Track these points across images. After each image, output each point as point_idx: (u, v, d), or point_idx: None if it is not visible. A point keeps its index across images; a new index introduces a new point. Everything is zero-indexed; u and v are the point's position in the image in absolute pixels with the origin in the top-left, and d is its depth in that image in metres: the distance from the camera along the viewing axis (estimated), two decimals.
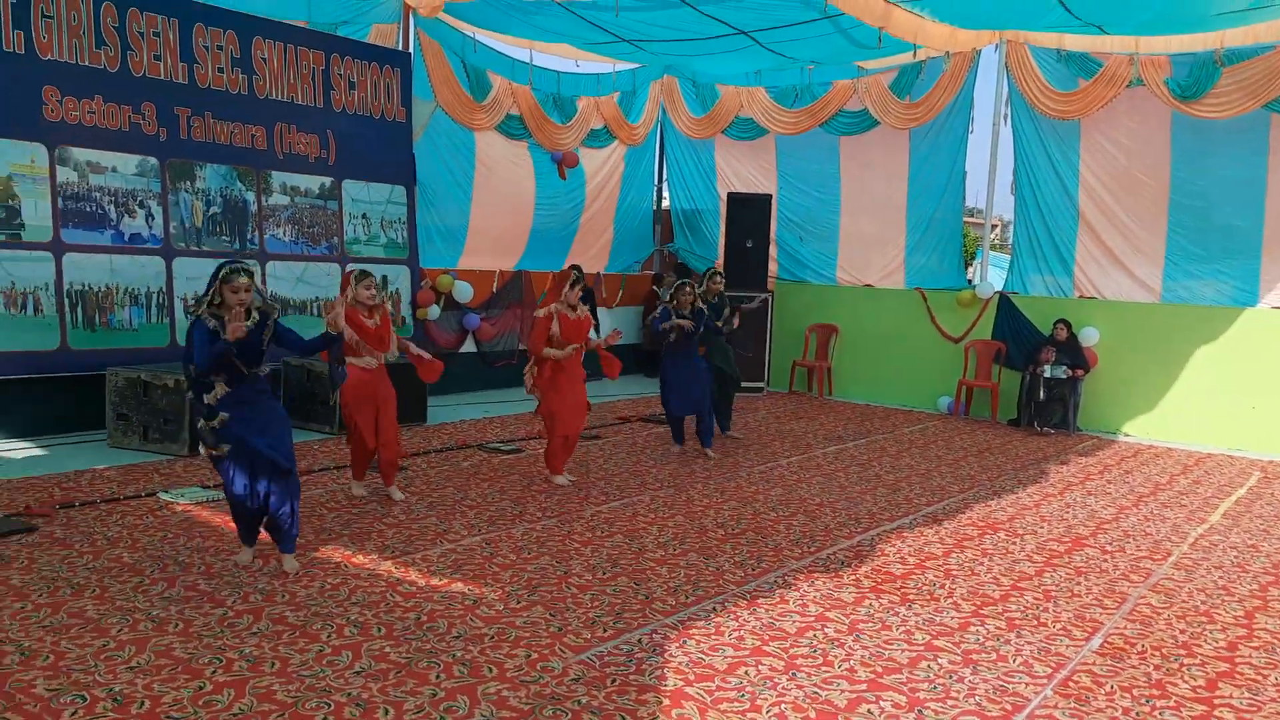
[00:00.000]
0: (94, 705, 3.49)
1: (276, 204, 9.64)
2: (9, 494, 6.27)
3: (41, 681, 3.65)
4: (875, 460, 8.73)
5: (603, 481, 7.40)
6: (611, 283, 13.63)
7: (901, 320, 12.25)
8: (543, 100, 12.40)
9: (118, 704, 3.50)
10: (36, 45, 7.82)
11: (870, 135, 12.62)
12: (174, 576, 4.88)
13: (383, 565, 5.19)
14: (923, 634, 4.57)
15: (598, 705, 3.68)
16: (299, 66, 9.68)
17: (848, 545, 6.00)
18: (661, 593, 4.97)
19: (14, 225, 7.76)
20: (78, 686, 3.63)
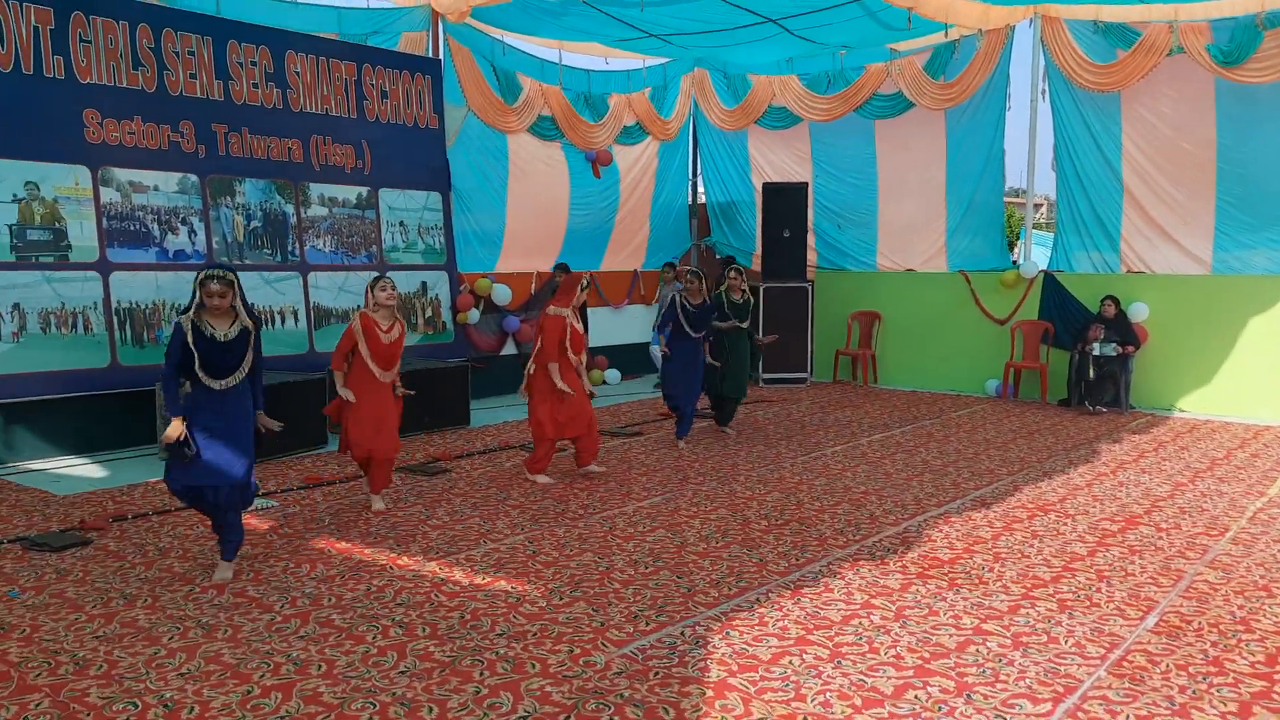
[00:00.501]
0: (145, 712, 3.55)
1: (315, 215, 9.76)
2: (64, 509, 6.42)
3: (95, 690, 3.73)
4: (922, 446, 8.61)
5: (644, 477, 7.39)
6: (650, 279, 13.60)
7: (945, 304, 12.08)
8: (574, 100, 12.42)
9: (168, 710, 3.56)
10: (76, 69, 7.99)
11: (906, 118, 12.47)
12: (223, 584, 4.95)
13: (427, 566, 5.23)
14: (971, 618, 4.50)
15: (640, 698, 3.66)
16: (332, 78, 9.80)
17: (894, 532, 5.92)
18: (704, 585, 4.95)
19: (61, 247, 7.94)
20: (130, 694, 3.69)
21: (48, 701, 3.63)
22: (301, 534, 5.85)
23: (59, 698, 3.66)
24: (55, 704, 3.61)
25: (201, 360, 4.84)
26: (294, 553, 5.47)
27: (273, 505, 6.52)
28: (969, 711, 3.57)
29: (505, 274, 11.62)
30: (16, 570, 5.16)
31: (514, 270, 11.80)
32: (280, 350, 9.18)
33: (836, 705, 3.62)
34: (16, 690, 3.72)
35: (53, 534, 5.81)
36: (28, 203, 7.78)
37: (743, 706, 3.60)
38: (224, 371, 4.91)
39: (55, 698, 3.66)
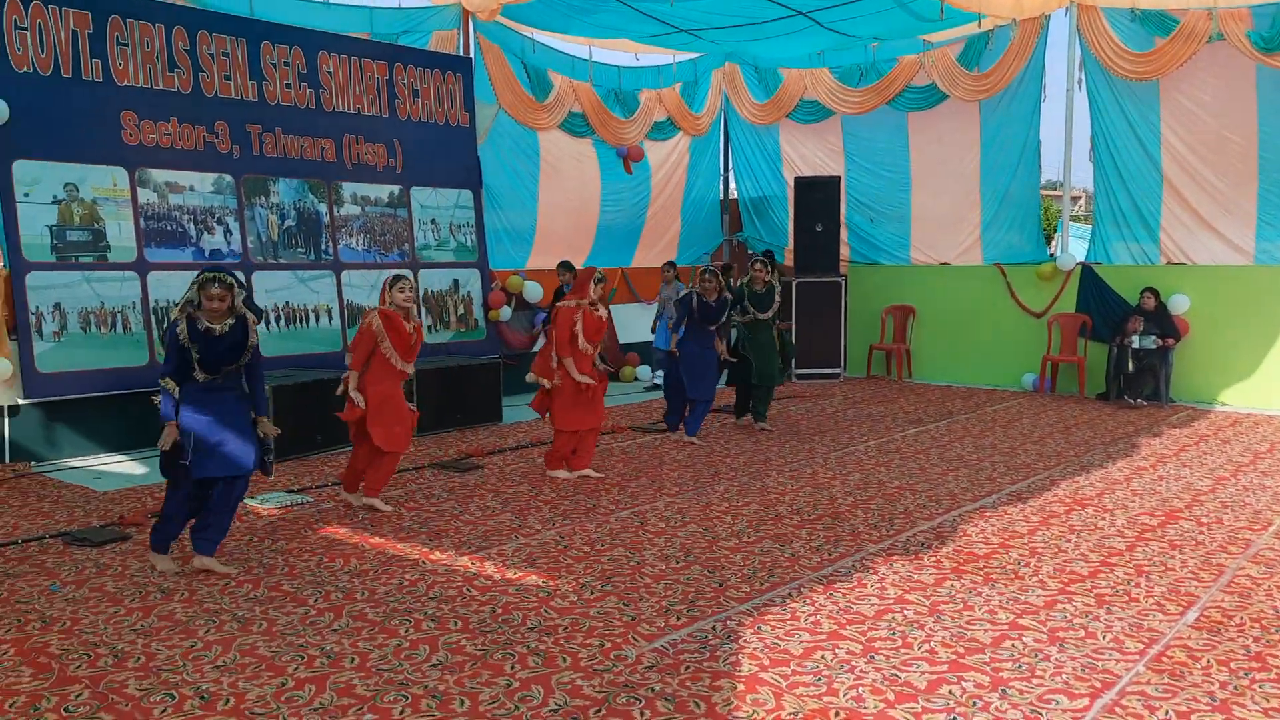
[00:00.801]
0: (182, 703, 3.59)
1: (348, 214, 9.84)
2: (104, 505, 6.52)
3: (133, 682, 3.78)
4: (957, 441, 8.53)
5: (675, 473, 7.37)
6: (682, 275, 13.55)
7: (981, 298, 11.95)
8: (604, 96, 12.42)
9: (204, 701, 3.61)
10: (113, 72, 8.11)
11: (939, 110, 12.35)
12: (258, 578, 5.00)
13: (459, 560, 5.25)
14: (1006, 613, 4.44)
15: (671, 692, 3.65)
16: (364, 78, 9.87)
17: (928, 527, 5.87)
18: (736, 580, 4.93)
19: (100, 247, 8.07)
20: (167, 686, 3.74)
21: (88, 693, 3.68)
22: (335, 529, 5.90)
23: (99, 689, 3.72)
24: (95, 695, 3.66)
25: (199, 355, 4.85)
26: (328, 548, 5.52)
27: (307, 501, 6.58)
28: (1004, 707, 3.53)
29: (536, 271, 11.64)
30: (58, 564, 5.25)
31: (545, 267, 11.81)
32: (314, 348, 9.27)
33: (869, 700, 3.59)
34: (58, 681, 3.78)
35: (93, 529, 5.90)
36: (67, 204, 7.91)
37: (774, 700, 3.58)
38: (219, 365, 4.92)
39: (95, 689, 3.72)
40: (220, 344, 4.89)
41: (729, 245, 14.79)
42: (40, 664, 3.95)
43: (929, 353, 12.43)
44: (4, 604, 4.65)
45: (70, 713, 3.52)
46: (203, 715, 3.49)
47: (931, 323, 12.39)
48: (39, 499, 6.70)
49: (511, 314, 11.20)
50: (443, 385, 9.12)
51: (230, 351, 4.93)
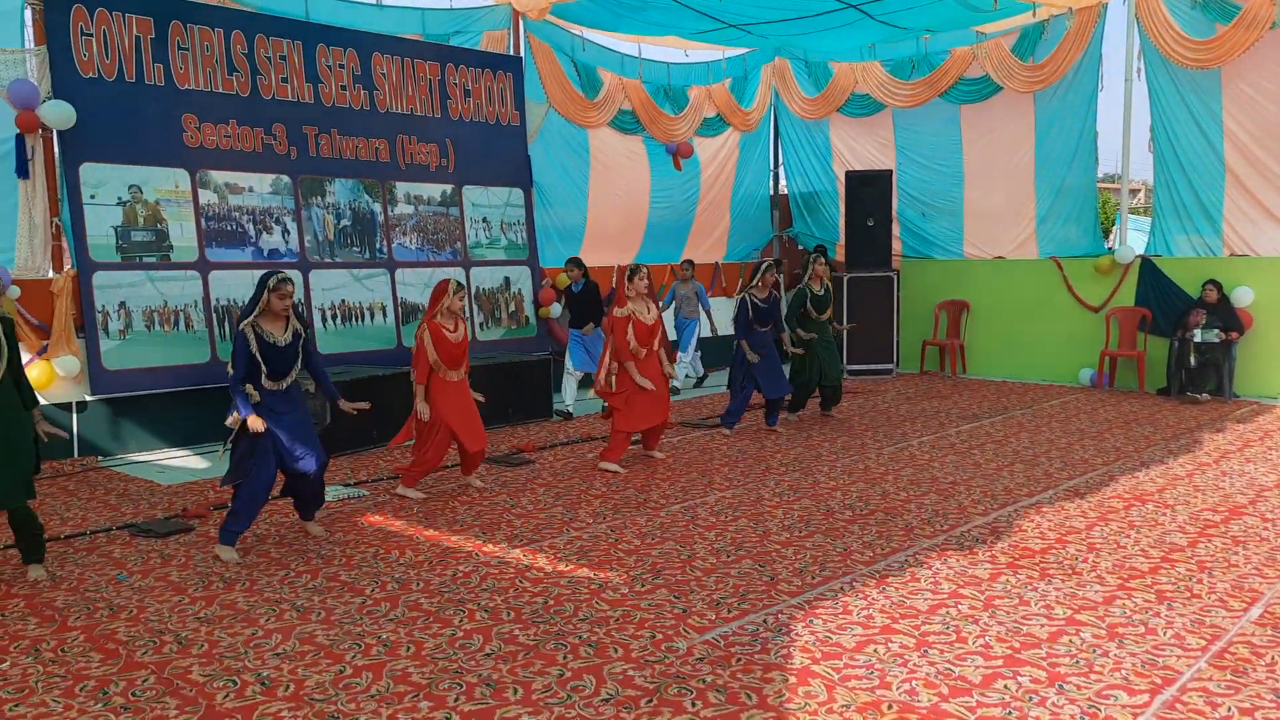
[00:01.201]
0: (244, 689, 3.68)
1: (402, 213, 9.97)
2: (168, 498, 6.69)
3: (197, 668, 3.88)
4: (1012, 436, 8.41)
5: (726, 468, 7.37)
6: (731, 271, 13.56)
7: (1037, 292, 11.76)
8: (654, 92, 12.43)
9: (265, 687, 3.69)
10: (175, 76, 8.31)
11: (992, 102, 12.18)
12: (316, 568, 5.10)
13: (512, 553, 5.31)
14: (1063, 609, 4.38)
15: (723, 684, 3.66)
16: (416, 79, 9.99)
17: (983, 522, 5.80)
18: (787, 574, 4.91)
19: (163, 247, 8.27)
20: (229, 672, 3.84)
21: (154, 678, 3.79)
22: (391, 521, 6.00)
23: (164, 674, 3.82)
24: (160, 680, 3.77)
25: (267, 365, 5.29)
26: (384, 540, 5.61)
27: (363, 494, 6.69)
28: (1061, 702, 3.48)
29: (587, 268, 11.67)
30: (125, 555, 5.40)
31: (595, 264, 11.83)
32: (369, 345, 9.42)
33: (922, 694, 3.56)
34: (125, 667, 3.90)
35: (158, 521, 6.06)
36: (131, 205, 8.12)
37: (826, 693, 3.57)
38: (283, 373, 5.39)
39: (160, 674, 3.82)
40: (285, 353, 5.38)
41: (779, 241, 14.72)
42: (108, 650, 4.07)
43: (984, 348, 12.27)
44: (74, 592, 4.80)
45: (137, 697, 3.62)
46: (264, 701, 3.57)
47: (986, 317, 12.22)
48: (106, 492, 6.90)
49: (561, 311, 11.25)
50: (494, 381, 9.19)
51: (294, 358, 5.42)
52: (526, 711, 3.46)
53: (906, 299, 12.65)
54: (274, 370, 5.32)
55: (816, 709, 3.45)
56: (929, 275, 12.71)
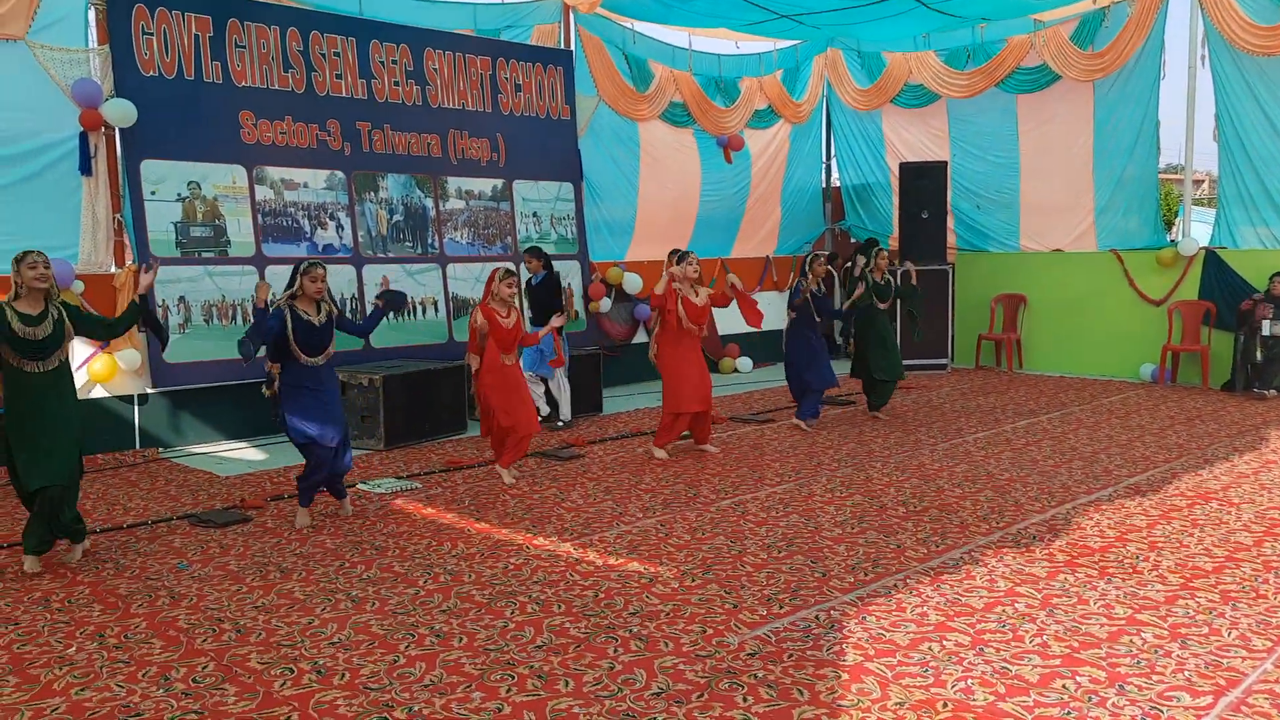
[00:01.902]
0: (300, 677, 3.74)
1: (453, 208, 10.04)
2: (227, 489, 6.82)
3: (255, 655, 3.95)
4: (1070, 433, 8.25)
5: (777, 463, 7.32)
6: (782, 266, 13.46)
7: (1096, 285, 11.52)
8: (705, 84, 12.37)
9: (321, 675, 3.74)
10: (232, 73, 8.46)
11: (1050, 91, 11.93)
12: (371, 559, 5.17)
13: (562, 546, 5.33)
14: (1124, 608, 4.28)
15: (774, 679, 3.64)
16: (468, 74, 10.05)
17: (1040, 519, 5.69)
18: (839, 570, 4.87)
19: (221, 242, 8.42)
20: (286, 660, 3.90)
21: (213, 665, 3.86)
22: (443, 514, 6.05)
23: (223, 661, 3.89)
24: (220, 667, 3.84)
25: (300, 341, 5.65)
26: (436, 532, 5.66)
27: (416, 487, 6.76)
28: (1121, 703, 3.40)
29: (636, 262, 11.69)
30: (185, 545, 5.52)
31: (645, 258, 11.85)
32: (421, 339, 9.51)
33: (978, 692, 3.50)
34: (186, 654, 3.98)
35: (217, 511, 6.18)
36: (190, 201, 8.28)
37: (880, 690, 3.53)
38: (318, 350, 5.75)
39: (220, 661, 3.89)
40: (320, 332, 5.75)
41: (831, 234, 14.58)
42: (170, 637, 4.16)
43: (1041, 342, 12.05)
44: (136, 580, 4.91)
45: (197, 683, 3.69)
46: (320, 689, 3.62)
47: (1043, 311, 12.00)
48: (166, 483, 7.05)
49: (611, 305, 11.27)
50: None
51: (327, 337, 5.80)
52: (578, 704, 3.47)
53: (961, 293, 12.46)
54: (308, 347, 5.70)
55: (870, 706, 3.41)
56: (984, 268, 12.50)
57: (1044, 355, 12.01)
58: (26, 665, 3.89)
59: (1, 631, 4.25)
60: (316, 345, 5.74)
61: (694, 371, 7.50)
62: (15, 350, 4.90)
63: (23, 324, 4.90)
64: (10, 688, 3.69)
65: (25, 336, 4.90)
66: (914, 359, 12.00)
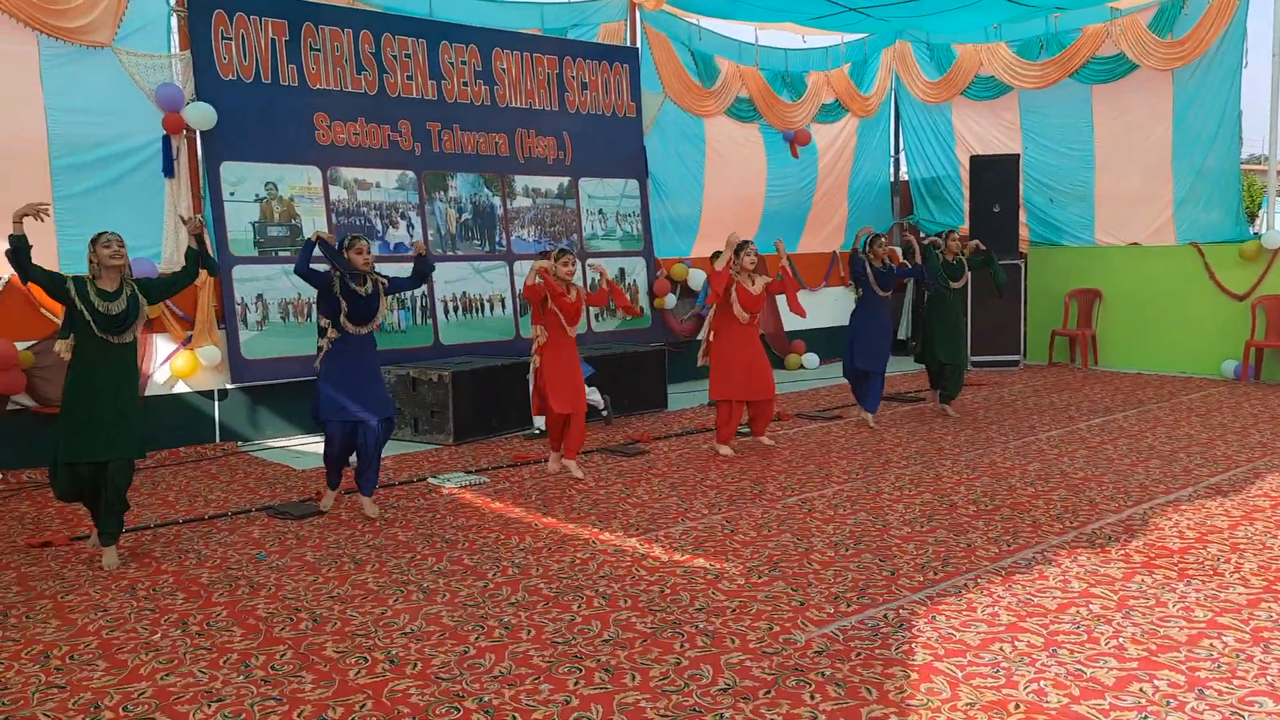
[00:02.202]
0: (374, 666, 3.83)
1: (520, 206, 10.15)
2: (303, 482, 6.99)
3: (331, 645, 4.05)
4: (1148, 431, 8.04)
5: (844, 460, 7.27)
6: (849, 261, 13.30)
7: (1175, 279, 11.20)
8: (771, 79, 12.31)
9: (394, 665, 3.83)
10: (307, 76, 8.66)
11: (1127, 81, 11.63)
12: (441, 552, 5.26)
13: (628, 541, 5.36)
14: (1204, 610, 4.17)
15: (842, 678, 3.62)
16: (535, 73, 10.15)
17: (1116, 519, 5.57)
18: (908, 569, 4.82)
19: (297, 242, 8.62)
20: (361, 649, 3.99)
21: (290, 653, 3.97)
22: (510, 508, 6.13)
23: (300, 649, 4.00)
24: (297, 655, 3.95)
25: (348, 310, 5.86)
26: (504, 526, 5.74)
27: (484, 481, 6.86)
28: (1201, 708, 3.32)
29: (701, 259, 11.65)
30: (263, 535, 5.68)
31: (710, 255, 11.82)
32: (488, 336, 9.63)
33: (1051, 694, 3.45)
34: (265, 641, 4.10)
35: (293, 504, 6.34)
36: (268, 201, 8.50)
37: (949, 690, 3.50)
38: (365, 319, 5.95)
39: (297, 649, 4.01)
40: (367, 301, 5.97)
41: (899, 228, 14.39)
42: (249, 625, 4.29)
43: (1117, 338, 11.76)
44: (218, 570, 5.07)
45: (276, 671, 3.80)
46: (393, 678, 3.71)
47: (1119, 307, 11.71)
48: (245, 475, 7.26)
49: (676, 302, 11.28)
50: (609, 372, 9.28)
51: (374, 307, 5.99)
52: (644, 698, 3.49)
53: (1033, 288, 12.22)
54: (356, 315, 5.90)
55: (939, 706, 3.38)
56: (1057, 263, 12.24)
57: (1120, 351, 11.72)
58: (115, 650, 4.04)
59: (91, 618, 4.42)
60: (364, 313, 5.94)
61: (743, 360, 7.43)
62: (95, 323, 5.10)
63: (100, 299, 5.11)
64: (100, 672, 3.84)
65: (103, 310, 5.11)
66: (984, 355, 11.81)
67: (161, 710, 3.50)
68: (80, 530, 5.81)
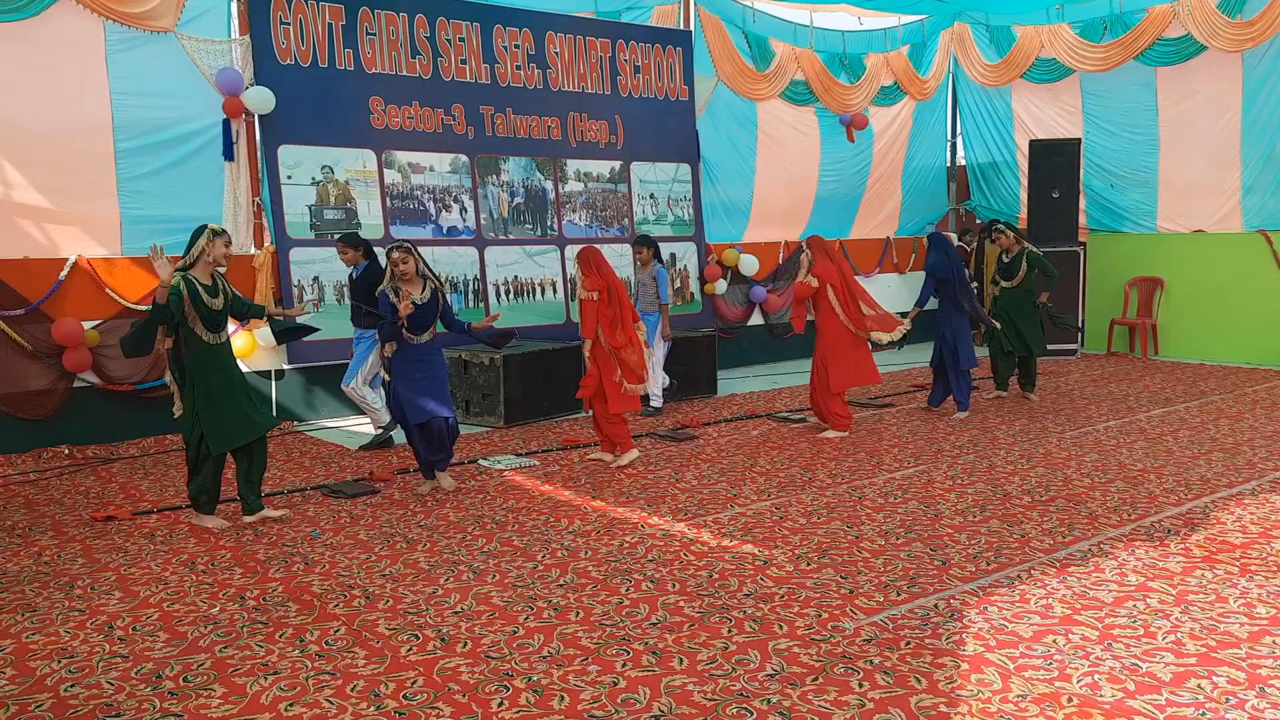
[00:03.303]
0: (425, 644, 3.88)
1: (572, 190, 10.17)
2: (357, 462, 7.10)
3: (383, 621, 4.12)
4: (1210, 423, 7.85)
5: (896, 449, 7.20)
6: (903, 246, 13.16)
7: (1240, 268, 10.91)
8: (828, 61, 12.16)
9: (445, 643, 3.88)
10: (363, 60, 8.74)
11: (1193, 63, 11.30)
12: (491, 533, 5.31)
13: (676, 526, 5.37)
14: (1266, 607, 4.07)
15: (891, 666, 3.60)
16: (588, 56, 10.14)
17: (1175, 513, 5.45)
18: (960, 559, 4.77)
19: (352, 225, 8.73)
20: (412, 627, 4.05)
21: (344, 629, 4.04)
22: (560, 491, 6.17)
23: (353, 626, 4.07)
24: (350, 631, 4.02)
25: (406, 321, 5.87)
26: (554, 509, 5.78)
27: (534, 464, 6.90)
28: (1262, 706, 3.24)
29: (752, 244, 11.62)
30: (318, 513, 5.78)
31: (761, 240, 11.78)
32: (540, 320, 9.68)
33: (1106, 688, 3.39)
34: (319, 618, 4.18)
35: (347, 483, 6.44)
36: (324, 185, 8.61)
37: (1000, 682, 3.46)
38: (422, 328, 5.99)
39: (350, 626, 4.08)
40: (423, 311, 5.95)
41: (955, 214, 14.19)
42: (304, 601, 4.37)
43: (1179, 328, 11.48)
44: (274, 546, 5.17)
45: (330, 646, 3.88)
46: (444, 656, 3.76)
47: (1182, 295, 11.42)
48: (301, 454, 7.38)
49: (727, 287, 11.23)
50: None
51: (428, 315, 6.00)
52: (692, 681, 3.50)
53: (1093, 275, 11.97)
54: (412, 324, 5.93)
55: (990, 697, 3.35)
56: (1118, 250, 11.97)
57: (1182, 341, 11.45)
58: (175, 622, 4.15)
59: (153, 590, 4.54)
60: (421, 323, 5.97)
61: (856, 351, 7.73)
62: (201, 320, 5.27)
63: (207, 294, 5.29)
64: (161, 642, 3.94)
65: (210, 306, 5.29)
66: None
67: (219, 681, 3.58)
68: (143, 505, 5.96)
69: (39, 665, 3.75)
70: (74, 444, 7.43)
